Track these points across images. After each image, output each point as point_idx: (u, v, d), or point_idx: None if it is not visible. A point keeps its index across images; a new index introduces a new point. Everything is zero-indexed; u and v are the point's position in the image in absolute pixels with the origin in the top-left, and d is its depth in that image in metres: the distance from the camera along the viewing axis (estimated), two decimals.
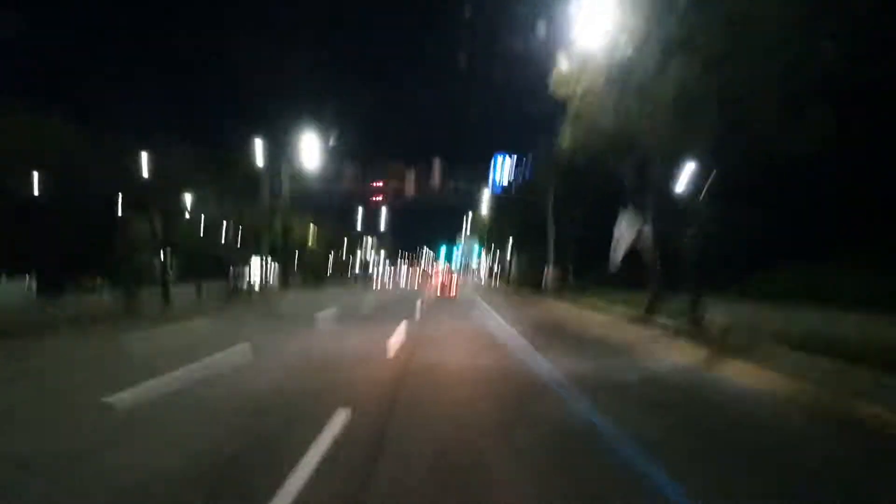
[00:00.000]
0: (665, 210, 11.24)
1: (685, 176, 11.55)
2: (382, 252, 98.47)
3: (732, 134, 9.87)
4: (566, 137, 15.27)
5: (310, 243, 33.20)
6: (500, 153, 23.55)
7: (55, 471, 3.06)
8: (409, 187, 23.64)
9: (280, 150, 24.12)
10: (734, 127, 9.78)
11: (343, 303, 18.36)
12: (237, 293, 20.24)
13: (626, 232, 11.47)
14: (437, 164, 23.65)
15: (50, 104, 17.37)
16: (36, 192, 17.44)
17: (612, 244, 11.68)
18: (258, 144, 22.62)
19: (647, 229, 11.28)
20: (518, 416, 4.27)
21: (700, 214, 10.17)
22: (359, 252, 74.80)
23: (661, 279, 11.21)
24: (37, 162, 17.07)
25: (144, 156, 18.42)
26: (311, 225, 33.11)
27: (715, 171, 10.01)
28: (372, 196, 23.88)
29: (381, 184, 23.60)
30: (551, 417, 4.23)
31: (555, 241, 22.74)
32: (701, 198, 10.04)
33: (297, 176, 24.46)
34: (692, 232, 10.12)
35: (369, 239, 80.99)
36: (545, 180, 20.22)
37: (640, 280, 19.40)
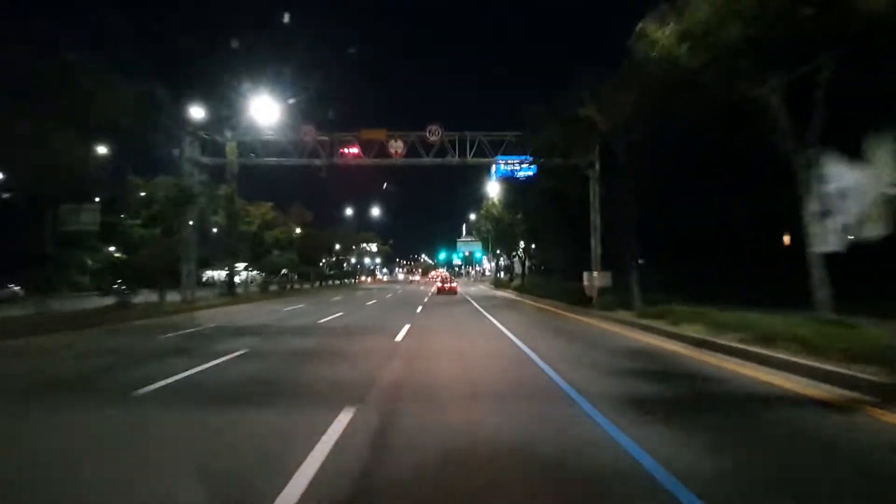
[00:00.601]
0: None
1: None
2: (378, 260, 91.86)
3: None
4: (657, 37, 8.94)
5: (269, 237, 26.29)
6: (502, 156, 18.68)
7: None
8: (398, 146, 17.18)
9: (226, 110, 17.96)
10: None
11: (287, 328, 11.96)
12: (128, 308, 13.55)
13: (856, 196, 5.23)
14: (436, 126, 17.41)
15: None
16: None
17: (817, 218, 5.61)
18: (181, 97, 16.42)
19: None
20: None
21: None
22: (352, 258, 68.42)
23: None
24: None
25: None
26: (271, 212, 26.38)
27: None
28: (344, 150, 17.34)
29: (355, 148, 17.09)
30: None
31: (601, 229, 16.40)
32: None
33: (252, 138, 18.08)
34: None
35: (364, 246, 74.28)
36: (598, 122, 13.31)
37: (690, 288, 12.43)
